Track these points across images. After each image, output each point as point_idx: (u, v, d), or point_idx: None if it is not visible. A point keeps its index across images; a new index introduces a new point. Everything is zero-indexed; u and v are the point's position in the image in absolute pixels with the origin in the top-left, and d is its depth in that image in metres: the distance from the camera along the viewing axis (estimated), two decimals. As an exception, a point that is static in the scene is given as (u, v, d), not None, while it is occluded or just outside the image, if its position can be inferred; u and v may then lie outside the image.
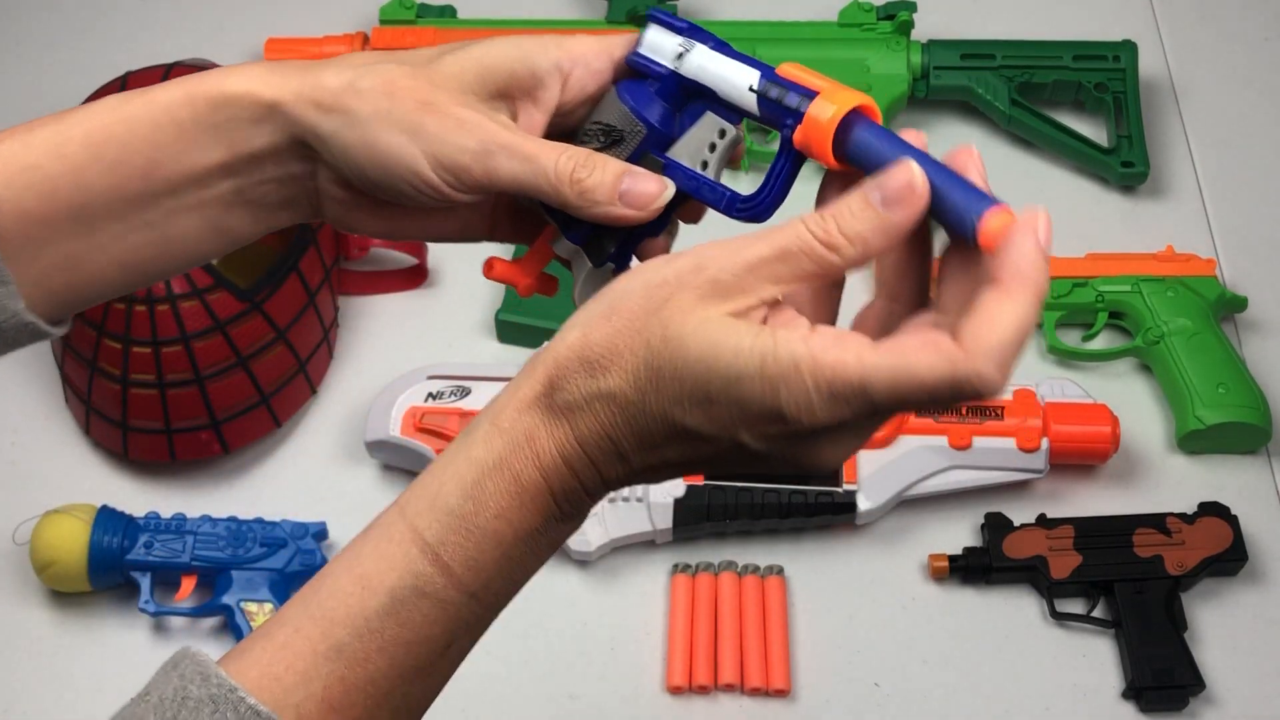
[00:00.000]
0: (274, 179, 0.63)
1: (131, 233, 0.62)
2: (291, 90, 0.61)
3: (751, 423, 0.53)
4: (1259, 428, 1.11)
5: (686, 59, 0.63)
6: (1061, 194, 1.27)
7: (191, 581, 1.05)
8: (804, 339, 0.52)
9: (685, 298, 0.53)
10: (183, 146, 0.62)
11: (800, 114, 0.58)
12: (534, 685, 1.04)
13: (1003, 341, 0.50)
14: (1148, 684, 1.01)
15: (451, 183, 0.61)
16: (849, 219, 0.53)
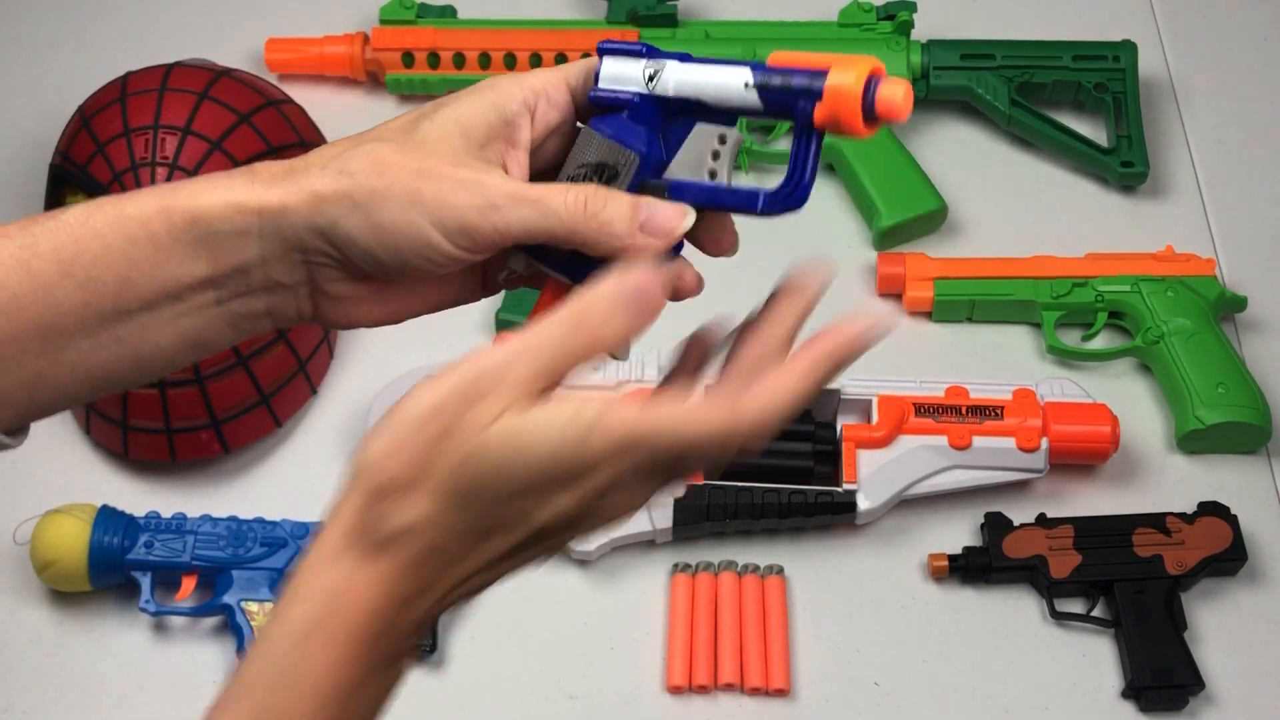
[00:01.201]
0: (260, 288, 0.61)
1: (101, 349, 0.60)
2: (278, 195, 0.59)
3: (565, 492, 0.55)
4: (1258, 427, 1.11)
5: (661, 78, 0.60)
6: (1061, 194, 1.27)
7: (192, 581, 1.05)
8: (601, 401, 0.54)
9: (467, 423, 0.54)
10: (159, 262, 0.59)
11: (815, 91, 0.57)
12: (534, 685, 1.04)
13: (773, 410, 0.56)
14: (1147, 683, 1.01)
15: (464, 245, 0.59)
16: (601, 312, 0.56)
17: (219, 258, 0.60)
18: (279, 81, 1.30)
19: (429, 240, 0.59)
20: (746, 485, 1.07)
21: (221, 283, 0.60)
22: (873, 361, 1.16)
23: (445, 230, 0.59)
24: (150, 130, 1.12)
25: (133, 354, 0.61)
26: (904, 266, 1.19)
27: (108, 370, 0.61)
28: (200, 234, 0.59)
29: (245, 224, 0.59)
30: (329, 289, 0.62)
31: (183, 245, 0.59)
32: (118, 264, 0.59)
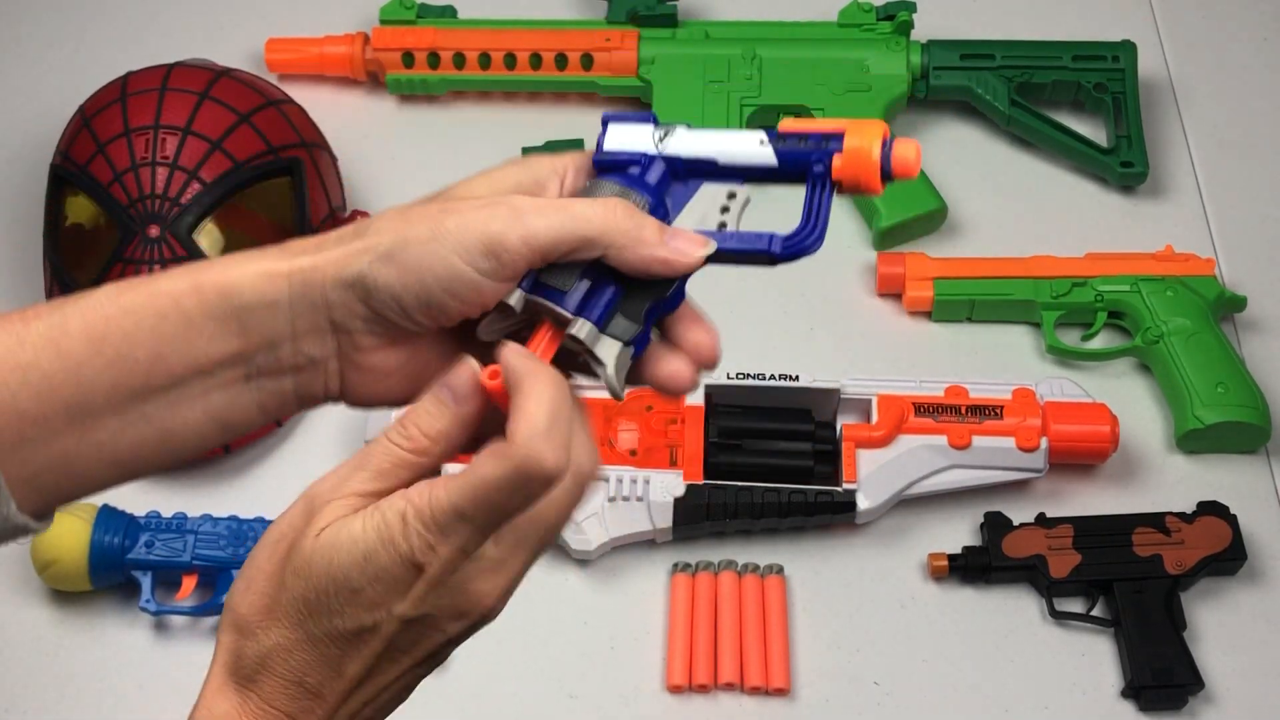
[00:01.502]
0: (288, 367, 0.60)
1: (129, 427, 0.59)
2: (307, 260, 0.59)
3: (397, 588, 0.56)
4: (1258, 427, 1.11)
5: (670, 141, 0.61)
6: (1061, 194, 1.27)
7: (192, 580, 1.06)
8: (401, 494, 0.56)
9: (302, 543, 0.56)
10: (190, 338, 0.58)
11: (829, 151, 0.59)
12: (534, 685, 1.04)
13: (538, 423, 0.55)
14: (1147, 683, 1.01)
15: (490, 267, 0.57)
16: (429, 421, 0.58)
17: (249, 332, 0.59)
18: (279, 81, 1.30)
19: (454, 270, 0.57)
20: (746, 485, 1.07)
21: (251, 358, 0.60)
22: (873, 361, 1.17)
23: (469, 255, 0.57)
24: (151, 130, 1.12)
25: (160, 434, 0.60)
26: (904, 266, 1.20)
27: (134, 451, 0.60)
28: (231, 307, 0.59)
29: (275, 293, 0.59)
30: (358, 359, 0.61)
31: (214, 320, 0.59)
32: (149, 341, 0.58)
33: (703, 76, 1.27)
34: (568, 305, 0.58)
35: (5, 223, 1.26)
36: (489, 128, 1.31)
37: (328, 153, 1.22)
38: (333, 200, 1.20)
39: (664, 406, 1.09)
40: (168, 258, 1.10)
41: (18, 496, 0.58)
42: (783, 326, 1.20)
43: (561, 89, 1.31)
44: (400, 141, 1.31)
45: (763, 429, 1.09)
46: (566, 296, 0.58)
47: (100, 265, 1.11)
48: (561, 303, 0.58)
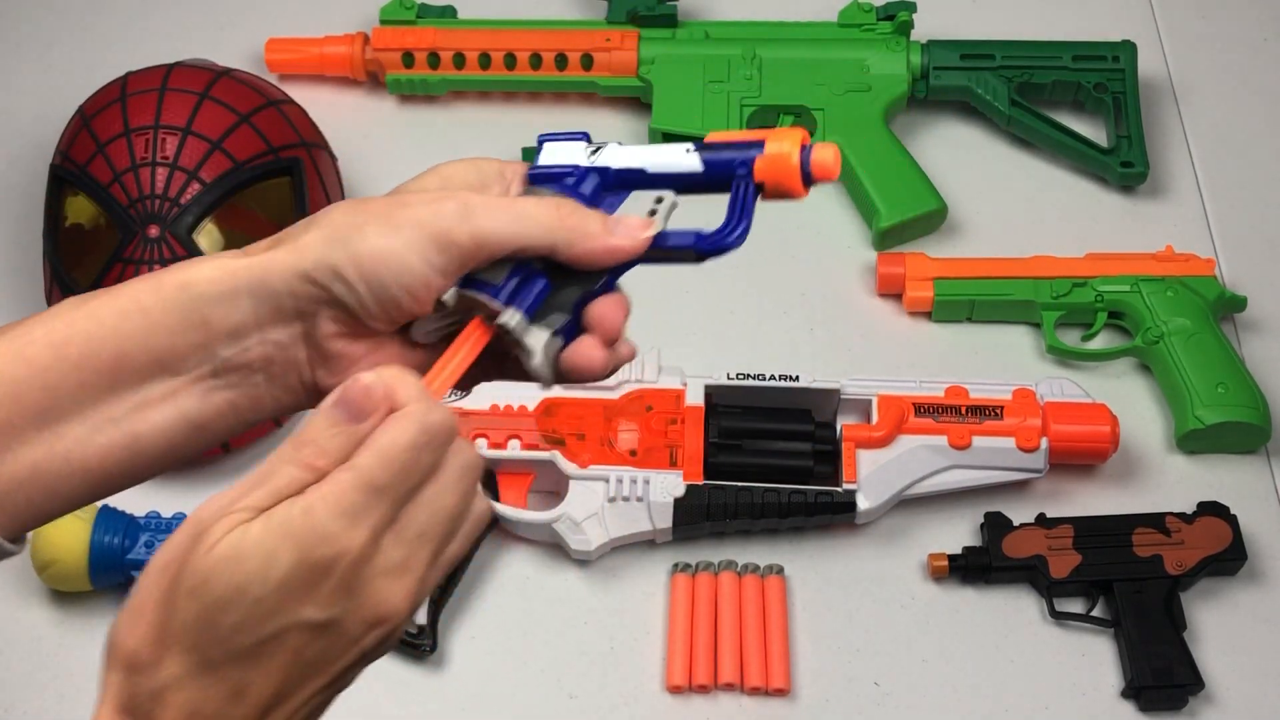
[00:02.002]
0: (257, 360, 0.60)
1: (97, 433, 0.59)
2: (263, 254, 0.59)
3: (303, 591, 0.53)
4: (1258, 427, 1.11)
5: (603, 154, 0.64)
6: (1061, 194, 1.27)
7: (192, 581, 1.05)
8: (299, 496, 0.54)
9: (192, 562, 0.53)
10: (153, 333, 0.59)
11: (750, 159, 0.62)
12: (534, 684, 1.04)
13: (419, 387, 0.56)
14: (1147, 683, 1.01)
15: (440, 262, 0.59)
16: (327, 439, 0.55)
17: (210, 324, 0.59)
18: (279, 82, 1.30)
19: (405, 263, 0.58)
20: (746, 485, 1.07)
21: (215, 352, 0.60)
22: (873, 361, 1.17)
23: (420, 248, 0.58)
24: (151, 130, 1.12)
25: (128, 439, 0.59)
26: (904, 266, 1.20)
27: (103, 458, 0.59)
28: (190, 299, 0.59)
29: (234, 284, 0.59)
30: (327, 346, 0.61)
31: (174, 314, 0.59)
32: (112, 340, 0.58)
33: (703, 76, 1.27)
34: (499, 297, 0.60)
35: (5, 223, 1.26)
36: (489, 128, 1.31)
37: (328, 153, 1.22)
38: (332, 200, 1.20)
39: (664, 407, 1.09)
40: (168, 258, 1.10)
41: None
42: (783, 326, 1.20)
43: (561, 89, 1.31)
44: (400, 141, 1.31)
45: (763, 429, 1.09)
46: (498, 289, 0.60)
47: (100, 265, 1.11)
48: (494, 294, 0.60)
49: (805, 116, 1.27)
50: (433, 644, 1.04)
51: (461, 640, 1.06)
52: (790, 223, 1.24)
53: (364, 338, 0.61)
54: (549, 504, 1.09)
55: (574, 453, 1.08)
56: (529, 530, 1.09)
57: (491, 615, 1.07)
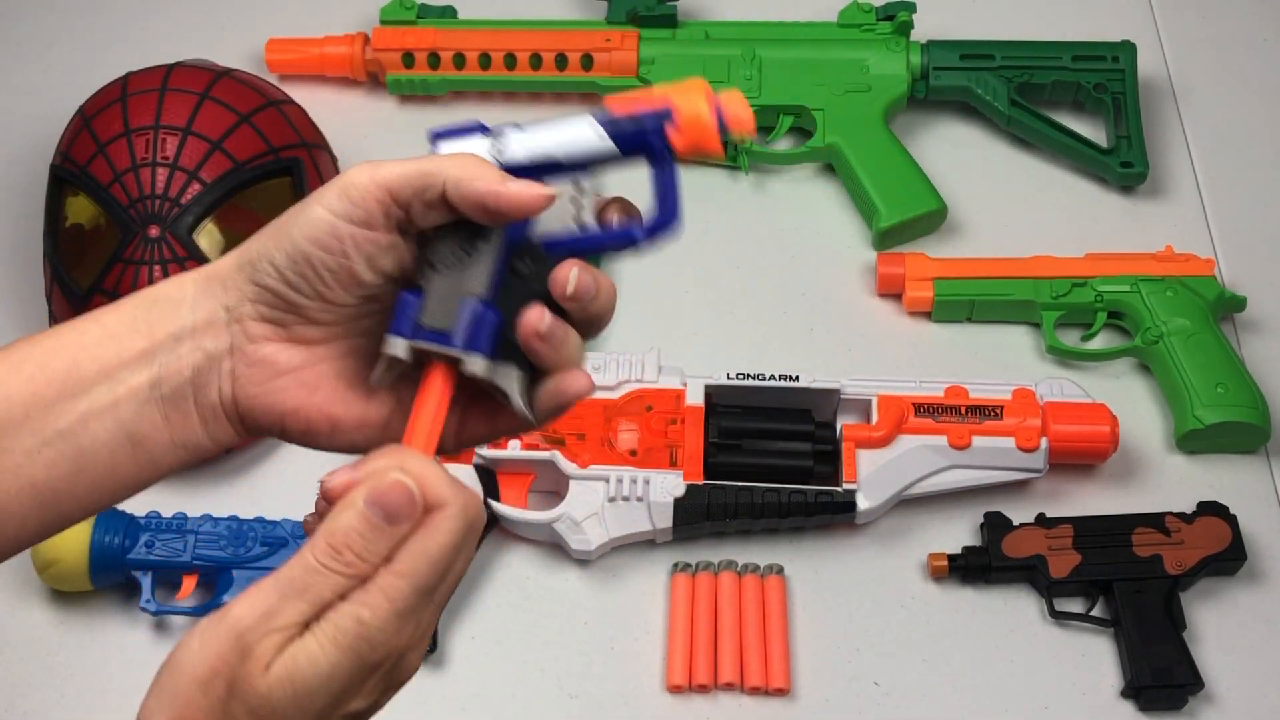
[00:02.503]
0: (187, 360, 0.61)
1: (45, 447, 0.60)
2: (215, 262, 0.63)
3: (356, 691, 0.55)
4: (1258, 427, 1.11)
5: (506, 149, 0.61)
6: (1061, 194, 1.27)
7: (192, 581, 1.06)
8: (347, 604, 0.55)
9: (248, 681, 0.54)
10: (103, 342, 0.61)
11: (662, 129, 0.60)
12: (534, 685, 1.05)
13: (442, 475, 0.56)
14: (1146, 683, 1.01)
15: (343, 208, 0.59)
16: (361, 543, 0.55)
17: (154, 328, 0.61)
18: (280, 82, 1.30)
19: (311, 216, 0.60)
20: (746, 485, 1.07)
21: (155, 356, 0.61)
22: (873, 361, 1.17)
23: (324, 200, 0.60)
24: (151, 130, 1.12)
25: (74, 451, 0.60)
26: (904, 266, 1.20)
27: (49, 473, 0.60)
28: (141, 307, 0.61)
29: (180, 290, 0.62)
30: (250, 351, 0.62)
31: (125, 323, 0.61)
32: (67, 351, 0.61)
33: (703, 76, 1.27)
34: (455, 343, 0.58)
35: (5, 223, 1.27)
36: (489, 128, 1.31)
37: (328, 153, 1.22)
38: (333, 200, 1.20)
39: (664, 407, 1.09)
40: (168, 258, 1.10)
41: None
42: (783, 326, 1.20)
43: (561, 89, 1.31)
44: (400, 142, 1.31)
45: (763, 429, 1.09)
46: (451, 336, 0.59)
47: (100, 265, 1.11)
48: (448, 343, 0.59)
49: (805, 116, 1.27)
50: (433, 644, 1.04)
51: (461, 640, 1.06)
52: (790, 223, 1.24)
53: (297, 344, 0.62)
54: (549, 504, 1.09)
55: (574, 453, 1.08)
56: (529, 530, 1.09)
57: (491, 615, 1.07)
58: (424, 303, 0.59)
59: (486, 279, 0.59)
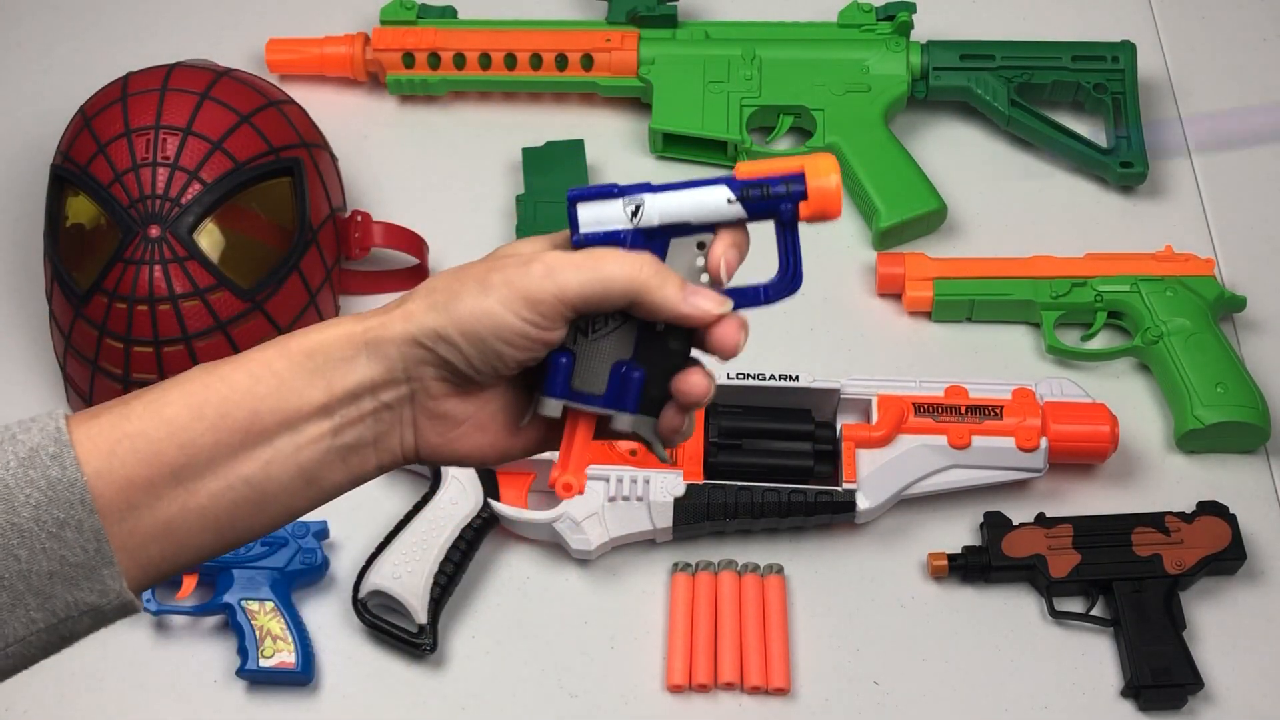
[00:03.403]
0: (369, 413, 0.65)
1: (229, 490, 0.63)
2: (379, 320, 0.65)
3: None
4: (1258, 427, 1.11)
5: (644, 212, 0.65)
6: (1060, 194, 1.27)
7: (192, 580, 1.06)
8: None
9: None
10: (283, 393, 0.63)
11: (796, 194, 0.65)
12: (534, 684, 1.05)
13: None
14: (1146, 682, 1.01)
15: (529, 315, 0.63)
16: None
17: (332, 383, 0.64)
18: (280, 82, 1.30)
19: (498, 319, 0.63)
20: (746, 485, 1.07)
21: (335, 408, 0.64)
22: (873, 361, 1.17)
23: (512, 306, 0.63)
24: (151, 130, 1.12)
25: (256, 494, 0.64)
26: (904, 266, 1.20)
27: (231, 513, 0.63)
28: (317, 364, 0.64)
29: (354, 350, 0.65)
30: (431, 406, 0.66)
31: (302, 375, 0.64)
32: (245, 401, 0.63)
33: (703, 77, 1.27)
34: (603, 404, 0.66)
35: (5, 223, 1.27)
36: (489, 128, 1.31)
37: (328, 153, 1.22)
38: (333, 200, 1.20)
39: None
40: (168, 258, 1.10)
41: (124, 570, 0.61)
42: (783, 326, 1.20)
43: (562, 89, 1.31)
44: (400, 141, 1.31)
45: (763, 429, 1.09)
46: (599, 398, 0.66)
47: (100, 265, 1.11)
48: (597, 404, 0.66)
49: (805, 116, 1.27)
50: (433, 644, 1.04)
51: (461, 640, 1.06)
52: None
53: (470, 396, 0.67)
54: (549, 504, 1.09)
55: (574, 452, 1.08)
56: (529, 530, 1.09)
57: (491, 615, 1.07)
58: (575, 367, 0.66)
59: (628, 344, 0.66)
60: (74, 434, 0.61)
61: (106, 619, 0.63)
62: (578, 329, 0.66)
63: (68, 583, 0.60)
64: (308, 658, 1.04)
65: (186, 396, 0.63)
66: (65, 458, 0.60)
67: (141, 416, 0.62)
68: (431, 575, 1.05)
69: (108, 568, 0.60)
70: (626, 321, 0.65)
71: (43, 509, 0.59)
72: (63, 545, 0.60)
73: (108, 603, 0.61)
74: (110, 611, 0.62)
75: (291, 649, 1.03)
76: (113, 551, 0.60)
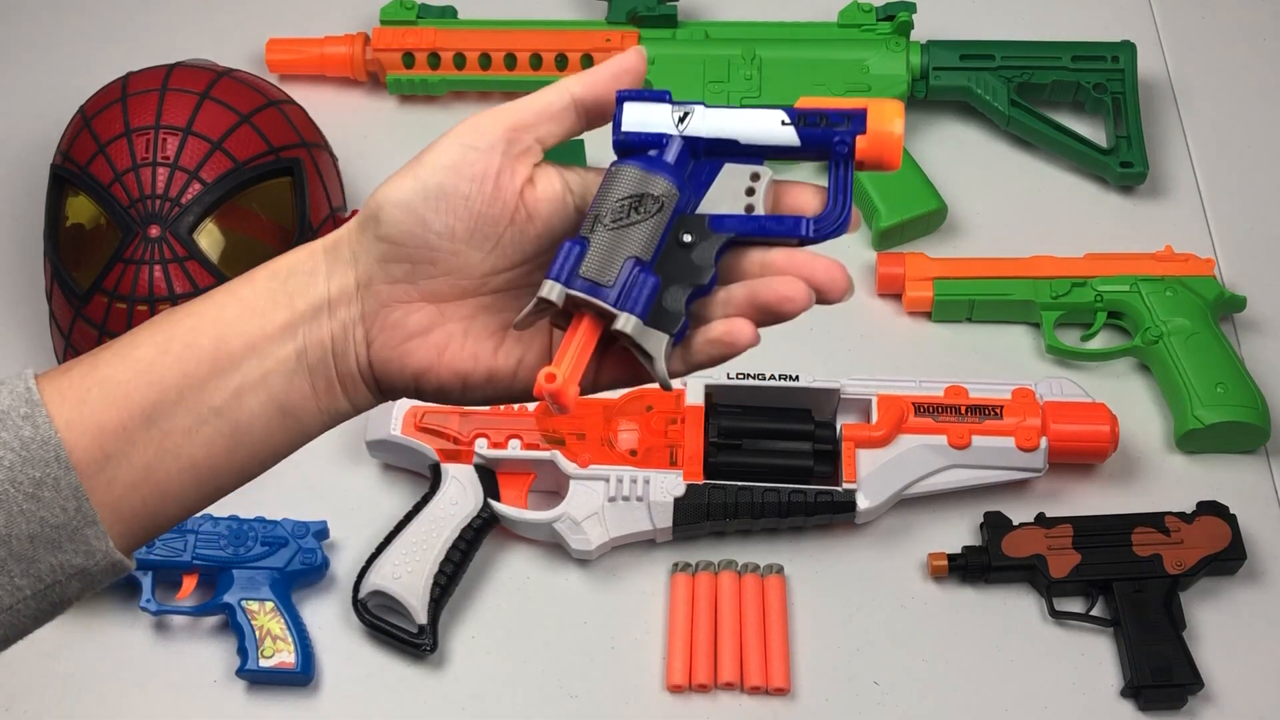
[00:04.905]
0: (328, 333, 0.63)
1: (202, 425, 0.61)
2: (337, 231, 0.64)
3: None
4: (1257, 427, 1.11)
5: (692, 121, 0.62)
6: (1060, 194, 1.27)
7: (193, 580, 1.06)
8: None
9: None
10: (247, 318, 0.62)
11: (852, 132, 0.60)
12: (534, 684, 1.05)
13: None
14: (1146, 682, 1.01)
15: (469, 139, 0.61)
16: None
17: (294, 301, 0.62)
18: (280, 82, 1.30)
19: (439, 151, 0.61)
20: (746, 485, 1.07)
21: (298, 326, 0.62)
22: (873, 361, 1.17)
23: (454, 136, 0.62)
24: (151, 130, 1.12)
25: (230, 427, 0.62)
26: (903, 266, 1.20)
27: (210, 453, 0.62)
28: (280, 282, 0.63)
29: (314, 262, 0.63)
30: (383, 317, 0.63)
31: (265, 296, 0.62)
32: (210, 329, 0.62)
33: (703, 77, 1.27)
34: (609, 299, 0.59)
35: (5, 223, 1.27)
36: (489, 128, 1.31)
37: (328, 153, 1.22)
38: (333, 200, 1.20)
39: (664, 406, 1.09)
40: (168, 258, 1.10)
41: (108, 529, 0.60)
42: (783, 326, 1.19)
43: (561, 89, 1.31)
44: (400, 141, 1.30)
45: (763, 429, 1.09)
46: (607, 290, 0.59)
47: (100, 265, 1.11)
48: (603, 297, 0.59)
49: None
50: (433, 644, 1.04)
51: (461, 640, 1.06)
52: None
53: (424, 303, 0.63)
54: (549, 504, 1.09)
55: (574, 452, 1.08)
56: (529, 530, 1.09)
57: (491, 615, 1.07)
58: (586, 253, 0.60)
59: (651, 242, 0.60)
60: (44, 391, 0.60)
61: (96, 581, 0.61)
62: (595, 216, 0.60)
63: (50, 545, 0.59)
64: (307, 658, 1.04)
65: (154, 334, 0.62)
66: (37, 417, 0.59)
67: (110, 362, 0.61)
68: (431, 575, 1.05)
69: (90, 527, 0.59)
70: (654, 217, 0.60)
71: (17, 470, 0.58)
72: (41, 506, 0.58)
73: (94, 564, 0.60)
74: (99, 573, 0.61)
75: (291, 649, 1.03)
76: (94, 509, 0.59)
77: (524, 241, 0.63)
